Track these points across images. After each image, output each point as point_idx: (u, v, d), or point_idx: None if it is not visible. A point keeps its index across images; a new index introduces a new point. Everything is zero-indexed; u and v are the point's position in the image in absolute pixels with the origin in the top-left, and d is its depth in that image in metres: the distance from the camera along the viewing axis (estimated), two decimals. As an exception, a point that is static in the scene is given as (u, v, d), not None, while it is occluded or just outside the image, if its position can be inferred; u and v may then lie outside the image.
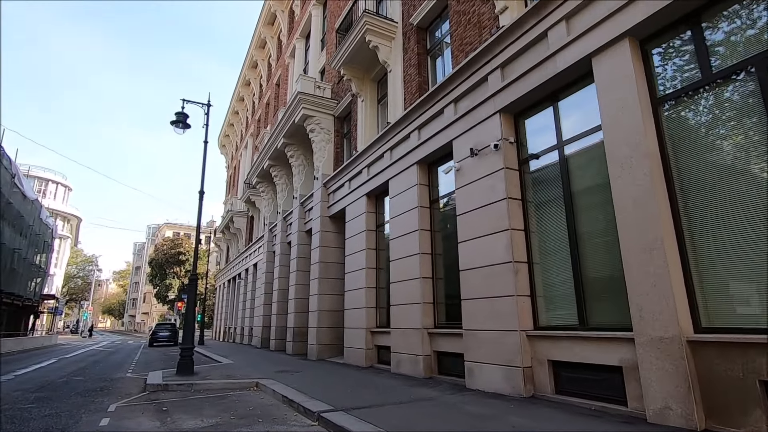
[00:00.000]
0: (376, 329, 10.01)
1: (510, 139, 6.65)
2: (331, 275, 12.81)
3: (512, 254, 6.15)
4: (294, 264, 15.05)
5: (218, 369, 10.29)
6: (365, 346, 10.01)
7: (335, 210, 12.81)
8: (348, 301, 11.14)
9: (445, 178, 8.65)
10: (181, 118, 10.33)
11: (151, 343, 25.88)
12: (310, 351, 12.40)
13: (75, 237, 57.68)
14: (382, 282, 10.49)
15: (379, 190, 10.63)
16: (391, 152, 9.86)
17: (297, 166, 15.93)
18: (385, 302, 10.29)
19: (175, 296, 51.46)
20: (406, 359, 8.31)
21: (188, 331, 9.50)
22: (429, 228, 8.62)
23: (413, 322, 8.25)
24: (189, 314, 9.58)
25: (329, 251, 12.98)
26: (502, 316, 6.15)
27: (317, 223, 13.21)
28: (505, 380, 5.96)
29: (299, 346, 14.22)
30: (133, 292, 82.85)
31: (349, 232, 11.57)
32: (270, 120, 24.16)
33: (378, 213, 10.99)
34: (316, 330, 12.24)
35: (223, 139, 40.36)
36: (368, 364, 9.90)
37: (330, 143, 13.91)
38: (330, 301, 12.61)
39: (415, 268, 8.39)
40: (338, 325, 12.60)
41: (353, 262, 11.09)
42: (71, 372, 11.46)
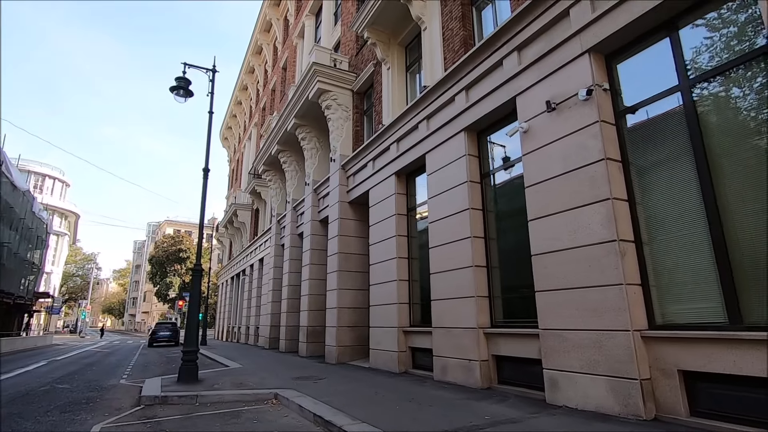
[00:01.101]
0: (411, 328, 8.57)
1: (604, 85, 5.19)
2: (351, 268, 11.37)
3: (615, 231, 4.70)
4: (307, 257, 13.61)
5: (226, 375, 8.86)
6: (398, 348, 8.57)
7: (356, 194, 11.36)
8: (374, 296, 9.70)
9: (499, 148, 7.20)
10: (182, 84, 8.88)
11: (151, 344, 24.50)
12: (329, 353, 10.96)
13: (73, 234, 56.30)
14: (416, 274, 9.05)
15: (412, 167, 9.19)
16: (428, 122, 8.41)
17: (309, 149, 14.48)
18: (420, 297, 8.86)
19: (176, 295, 50.06)
20: (455, 365, 6.86)
21: (191, 331, 8.06)
22: (481, 207, 7.17)
23: (464, 320, 6.81)
24: (192, 312, 8.16)
25: (350, 241, 11.54)
26: (603, 311, 4.70)
27: (335, 210, 11.76)
28: (611, 396, 4.51)
29: (314, 348, 12.79)
30: (133, 291, 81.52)
31: (375, 218, 10.12)
32: (276, 106, 22.72)
33: (409, 195, 9.54)
34: (336, 330, 10.80)
35: (225, 131, 38.93)
36: (401, 369, 8.46)
37: (348, 121, 12.46)
38: (351, 296, 11.17)
39: (465, 256, 6.95)
40: (361, 323, 11.17)
41: (380, 252, 9.64)
42: (58, 378, 10.04)
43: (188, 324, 8.09)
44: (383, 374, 8.31)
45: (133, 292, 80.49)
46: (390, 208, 9.50)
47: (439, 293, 7.48)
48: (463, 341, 6.75)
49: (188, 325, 8.09)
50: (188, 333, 8.05)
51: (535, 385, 5.68)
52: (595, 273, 4.84)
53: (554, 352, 5.20)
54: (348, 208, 11.75)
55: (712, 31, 4.49)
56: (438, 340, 7.34)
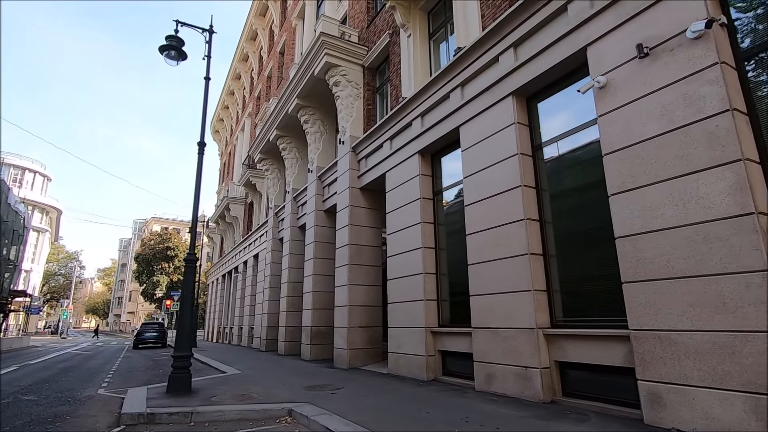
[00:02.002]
0: (441, 329, 7.40)
1: (721, 19, 4.09)
2: (364, 261, 10.17)
3: (752, 201, 3.60)
4: (310, 250, 12.36)
5: (224, 383, 7.59)
6: (425, 352, 7.39)
7: (369, 179, 10.16)
8: (393, 292, 8.51)
9: (555, 117, 6.08)
10: (175, 44, 7.59)
11: (136, 345, 22.98)
12: (339, 357, 9.74)
13: (55, 231, 54.05)
14: (443, 266, 7.89)
15: (439, 144, 8.03)
16: (463, 90, 7.26)
17: (313, 133, 13.24)
18: (449, 293, 7.71)
19: (163, 294, 48.22)
20: (506, 374, 5.71)
21: (184, 333, 6.79)
22: (534, 184, 6.03)
23: (517, 318, 5.66)
24: (185, 310, 6.88)
25: (362, 231, 10.33)
26: (735, 306, 3.59)
27: (345, 197, 10.55)
28: (753, 418, 3.40)
29: (319, 350, 11.55)
30: (118, 290, 79.01)
31: (393, 204, 8.94)
32: (273, 93, 21.40)
33: (435, 177, 8.38)
34: (347, 330, 9.59)
35: (217, 123, 37.38)
36: (430, 377, 7.29)
37: (359, 99, 11.25)
38: (363, 293, 9.97)
39: (517, 242, 5.80)
40: (373, 323, 10.00)
41: (401, 242, 8.45)
42: (25, 387, 8.66)
43: (180, 324, 6.81)
44: (409, 383, 7.12)
45: (119, 292, 78.00)
46: (413, 191, 8.31)
47: (481, 287, 6.32)
48: (517, 344, 5.60)
49: (180, 324, 6.81)
50: (180, 334, 6.78)
51: (621, 399, 4.56)
52: (718, 256, 3.72)
53: (656, 359, 4.07)
54: (359, 194, 10.54)
55: None
56: (481, 343, 6.18)
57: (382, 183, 9.81)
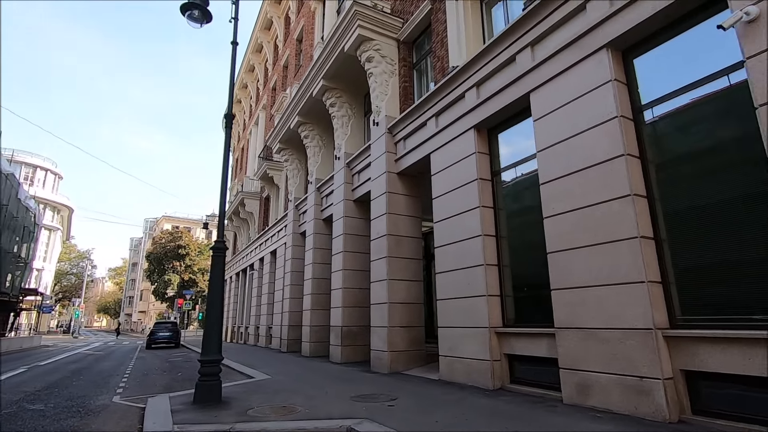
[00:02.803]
0: (507, 329, 6.35)
1: None
2: (404, 253, 9.15)
3: None
4: (339, 243, 11.37)
5: (257, 391, 6.61)
6: (489, 356, 6.34)
7: (409, 162, 9.14)
8: (445, 287, 7.46)
9: (657, 73, 5.00)
10: (199, 2, 6.61)
11: (149, 345, 22.20)
12: (377, 360, 8.73)
13: (67, 230, 53.81)
14: (505, 257, 6.84)
15: (498, 117, 6.98)
16: (534, 49, 6.20)
17: (340, 117, 12.26)
18: (513, 287, 6.66)
19: (174, 293, 47.71)
20: (609, 385, 4.64)
21: (212, 333, 5.80)
22: (637, 153, 4.96)
23: (622, 317, 4.60)
24: (213, 305, 5.90)
25: (400, 221, 9.31)
26: None
27: (381, 184, 9.54)
28: None
29: (351, 352, 10.56)
30: (129, 289, 78.88)
31: (441, 188, 7.90)
32: (290, 82, 20.46)
33: (492, 155, 7.32)
34: (386, 331, 8.57)
35: (229, 118, 36.56)
36: (496, 385, 6.24)
37: (394, 76, 10.23)
38: (404, 289, 8.95)
39: (623, 223, 4.73)
40: (416, 322, 8.99)
41: (454, 230, 7.41)
42: (32, 393, 7.77)
43: (208, 322, 5.83)
44: (472, 392, 6.08)
45: (130, 291, 77.86)
46: (467, 172, 7.26)
47: (568, 279, 5.26)
48: (625, 349, 4.53)
49: (208, 323, 5.82)
50: (208, 335, 5.79)
51: None
52: None
53: None
54: (397, 180, 9.52)
55: None
56: (569, 347, 5.12)
57: (425, 166, 8.79)
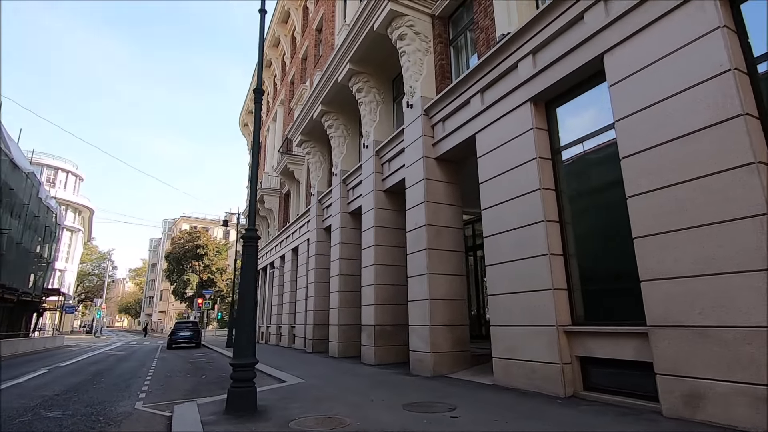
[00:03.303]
0: (579, 328, 5.52)
1: None
2: (445, 245, 8.37)
3: None
4: (369, 237, 10.65)
5: (293, 398, 5.91)
6: (558, 359, 5.51)
7: (448, 146, 8.35)
8: (498, 280, 6.65)
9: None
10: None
11: (170, 345, 21.85)
12: (418, 362, 7.97)
13: (88, 231, 54.47)
14: (571, 245, 6.01)
15: (560, 87, 6.14)
16: (607, 5, 5.36)
17: (368, 103, 11.53)
18: (582, 281, 5.82)
19: (193, 293, 47.77)
20: (729, 396, 3.79)
21: (245, 333, 5.11)
22: (757, 114, 4.10)
23: (747, 312, 3.75)
24: (245, 301, 5.21)
25: (440, 210, 8.53)
26: None
27: (417, 170, 8.77)
28: None
29: (385, 353, 9.84)
30: (149, 290, 79.72)
31: (491, 170, 7.08)
32: (310, 74, 19.85)
33: (552, 131, 6.48)
34: (429, 330, 7.80)
35: (246, 116, 36.32)
36: (568, 392, 5.41)
37: (429, 54, 9.44)
38: (446, 284, 8.17)
39: (742, 197, 3.88)
40: (460, 320, 8.21)
41: (508, 216, 6.59)
42: (51, 396, 7.24)
43: (240, 320, 5.14)
44: (541, 400, 5.28)
45: (150, 291, 78.67)
46: (524, 151, 6.44)
47: (664, 268, 4.41)
48: (753, 351, 3.68)
49: (240, 321, 5.13)
50: (241, 335, 5.10)
51: None
52: None
53: None
54: (435, 165, 8.74)
55: None
56: (672, 349, 4.28)
57: (467, 149, 8.00)
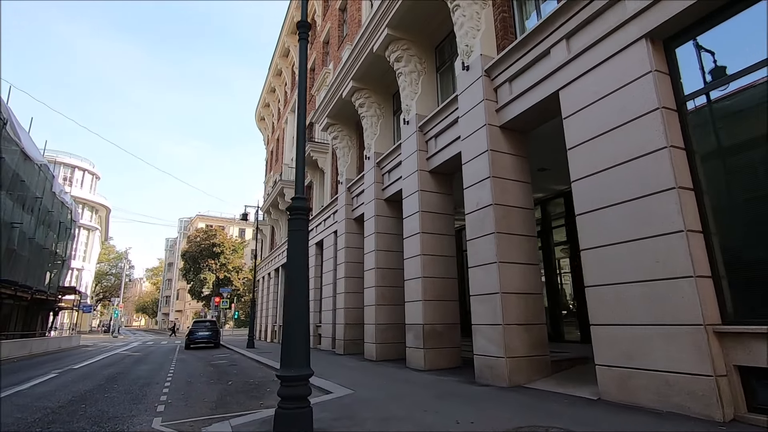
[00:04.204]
0: (740, 328, 4.11)
1: None
2: (515, 229, 6.99)
3: None
4: (414, 224, 9.33)
5: (351, 416, 4.61)
6: (710, 370, 4.09)
7: (518, 111, 6.97)
8: (601, 268, 5.24)
9: None
10: None
11: (188, 345, 20.87)
12: (487, 369, 6.61)
13: (105, 230, 54.28)
14: (710, 221, 4.58)
15: (686, 18, 4.73)
16: None
17: (408, 73, 10.21)
18: (725, 263, 4.41)
19: (210, 291, 47.09)
20: None
21: (296, 335, 3.82)
22: None
23: None
24: (295, 291, 3.93)
25: (508, 187, 7.15)
26: None
27: (479, 141, 7.40)
28: None
29: (436, 356, 8.52)
30: (166, 289, 79.74)
31: (586, 131, 5.67)
32: (333, 56, 18.61)
33: (674, 76, 5.06)
34: (502, 330, 6.42)
35: (262, 110, 35.35)
36: (727, 415, 4.00)
37: (486, 7, 8.05)
38: (519, 274, 6.79)
39: None
40: (537, 318, 6.83)
41: (620, 185, 5.16)
42: (54, 410, 6.08)
43: (288, 316, 3.85)
44: (692, 425, 3.88)
45: (166, 291, 78.67)
46: (639, 100, 5.02)
47: None
48: None
49: (289, 318, 3.84)
50: (290, 338, 3.81)
51: None
52: None
53: None
54: (501, 135, 7.36)
55: None
56: None
57: (544, 111, 6.65)
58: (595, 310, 5.31)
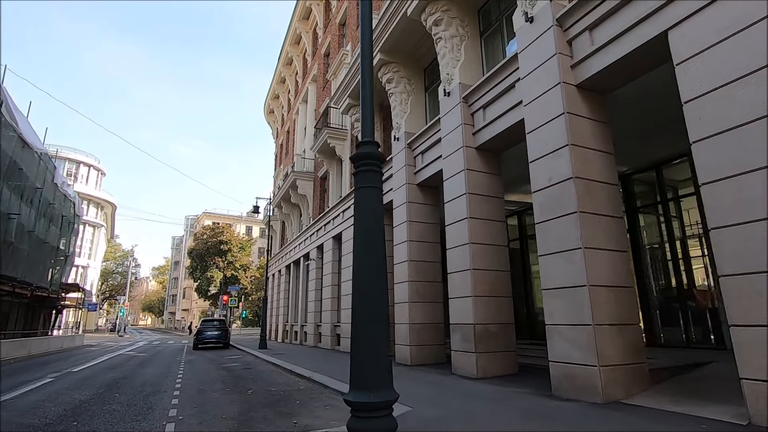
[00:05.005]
0: None
1: None
2: (600, 208, 5.73)
3: None
4: (460, 208, 8.09)
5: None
6: None
7: (602, 65, 5.71)
8: (750, 251, 3.99)
9: None
10: None
11: (196, 345, 19.77)
12: (570, 380, 5.35)
13: (111, 228, 53.49)
14: None
15: None
16: None
17: (448, 39, 8.98)
18: None
19: (217, 290, 46.07)
20: None
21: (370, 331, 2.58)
22: None
23: None
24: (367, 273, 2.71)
25: (590, 157, 5.89)
26: None
27: (551, 103, 6.14)
28: None
29: (490, 362, 7.27)
30: (172, 288, 78.97)
31: (713, 77, 4.41)
32: (351, 37, 17.39)
33: None
34: (592, 332, 5.16)
35: (271, 102, 34.25)
36: None
37: None
38: (608, 264, 5.53)
39: None
40: (631, 318, 5.58)
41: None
42: (43, 425, 4.90)
43: (357, 313, 2.62)
44: None
45: (173, 290, 77.88)
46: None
47: None
48: None
49: (356, 322, 2.62)
50: (360, 347, 2.57)
51: None
52: None
53: None
54: (578, 98, 6.10)
55: None
56: None
57: (643, 59, 5.39)
58: (736, 307, 4.04)
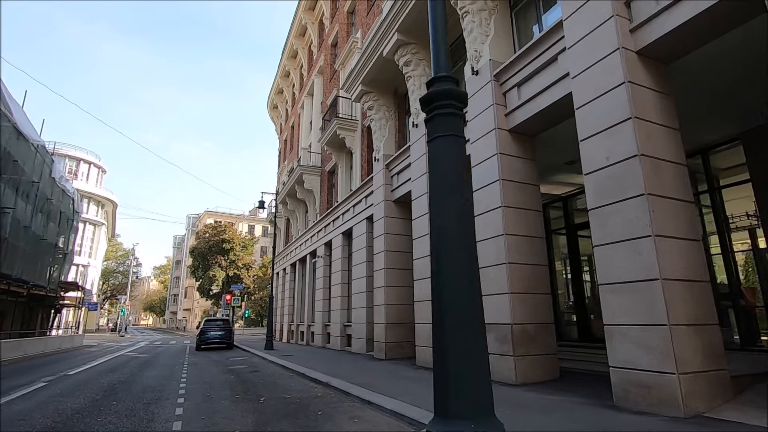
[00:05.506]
0: None
1: None
2: (671, 191, 4.98)
3: None
4: (493, 195, 7.31)
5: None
6: None
7: (669, 26, 4.94)
8: None
9: None
10: None
11: (199, 346, 18.99)
12: (639, 389, 4.58)
13: (112, 226, 52.80)
14: None
15: None
16: None
17: (476, 12, 8.20)
18: None
19: (219, 289, 45.37)
20: None
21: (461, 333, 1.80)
22: None
23: None
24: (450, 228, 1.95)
25: (654, 135, 5.12)
26: None
27: (610, 71, 5.37)
28: None
29: (530, 367, 6.51)
30: (173, 287, 78.31)
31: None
32: (360, 25, 16.63)
33: None
34: (667, 332, 4.40)
35: (275, 96, 33.49)
36: None
37: None
38: (682, 255, 4.77)
39: None
40: (706, 317, 4.81)
41: None
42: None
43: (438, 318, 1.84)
44: None
45: (174, 289, 77.21)
46: None
47: None
48: None
49: (438, 320, 1.84)
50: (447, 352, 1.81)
51: None
52: None
53: None
54: (639, 65, 5.33)
55: None
56: None
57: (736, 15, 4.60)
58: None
